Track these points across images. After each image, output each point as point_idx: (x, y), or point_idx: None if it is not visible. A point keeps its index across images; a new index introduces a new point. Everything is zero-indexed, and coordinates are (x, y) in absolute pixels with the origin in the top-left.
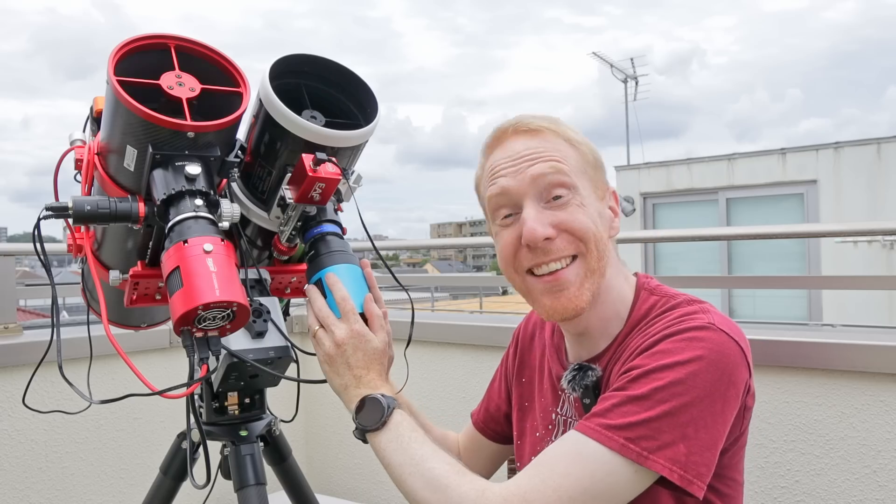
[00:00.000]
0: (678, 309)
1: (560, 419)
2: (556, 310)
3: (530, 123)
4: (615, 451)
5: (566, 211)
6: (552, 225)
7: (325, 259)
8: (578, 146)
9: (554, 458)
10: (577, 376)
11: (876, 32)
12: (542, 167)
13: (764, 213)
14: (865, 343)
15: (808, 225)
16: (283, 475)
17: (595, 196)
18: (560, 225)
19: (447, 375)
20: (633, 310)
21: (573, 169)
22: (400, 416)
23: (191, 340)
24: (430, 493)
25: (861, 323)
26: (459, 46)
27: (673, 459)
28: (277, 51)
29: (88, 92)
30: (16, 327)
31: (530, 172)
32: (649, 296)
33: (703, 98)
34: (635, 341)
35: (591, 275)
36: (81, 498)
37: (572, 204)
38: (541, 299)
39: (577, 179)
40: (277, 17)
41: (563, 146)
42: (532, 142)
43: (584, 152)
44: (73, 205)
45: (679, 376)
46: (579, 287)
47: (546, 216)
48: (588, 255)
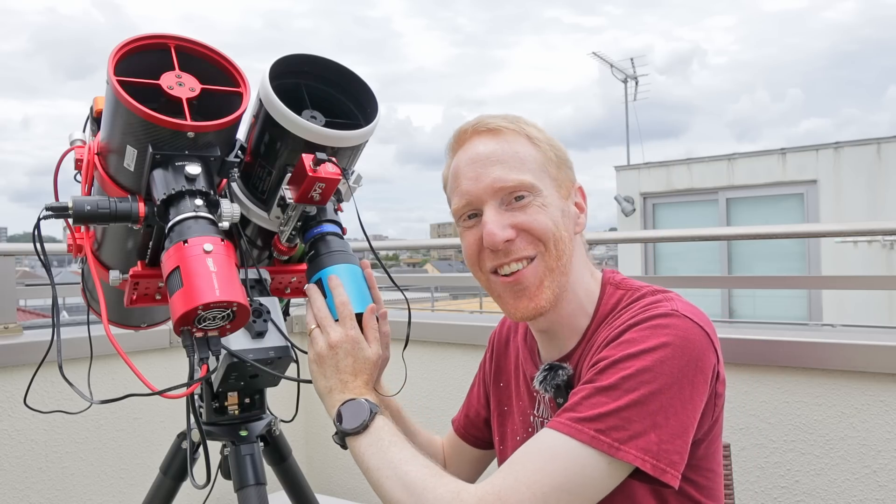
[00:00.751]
0: (643, 299)
1: (538, 421)
2: (518, 309)
3: (489, 123)
4: (586, 444)
5: (526, 212)
6: (512, 226)
7: (325, 259)
8: (539, 144)
9: (527, 456)
10: (547, 376)
11: (876, 32)
12: (501, 171)
13: (764, 213)
14: (865, 343)
15: (808, 225)
16: (283, 475)
17: (558, 194)
18: (519, 226)
19: (447, 375)
20: (600, 305)
21: (534, 169)
22: (381, 422)
23: (191, 340)
24: (406, 496)
25: (861, 323)
26: (459, 46)
27: (644, 449)
28: (277, 51)
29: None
30: (16, 327)
31: (490, 177)
32: (615, 290)
33: (703, 98)
34: (602, 335)
35: (550, 273)
36: (81, 498)
37: (533, 205)
38: (504, 298)
39: (537, 180)
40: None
41: (524, 146)
42: (492, 143)
43: (546, 150)
44: (73, 205)
45: (646, 364)
46: (538, 286)
47: (506, 218)
48: (547, 255)
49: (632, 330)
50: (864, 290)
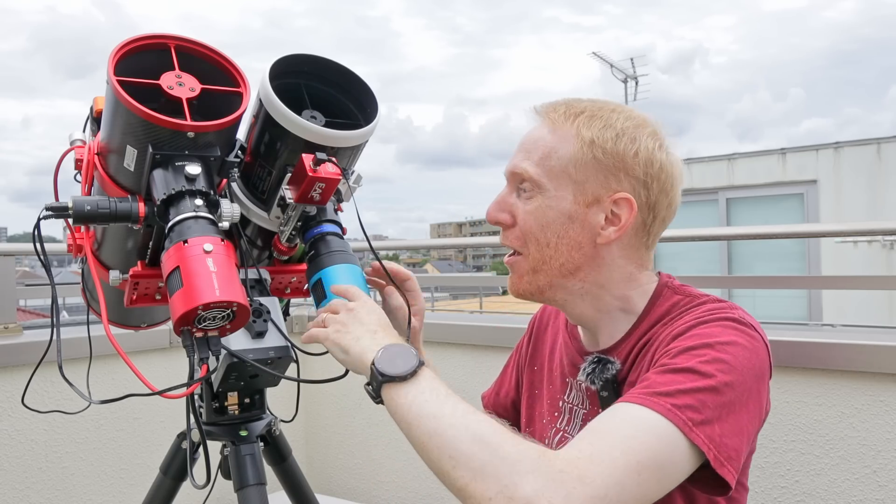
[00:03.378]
0: (707, 304)
1: (566, 406)
2: (510, 285)
3: (549, 112)
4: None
5: (524, 205)
6: (510, 212)
7: (325, 259)
8: (581, 143)
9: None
10: (596, 369)
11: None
12: (516, 163)
13: (764, 213)
14: (865, 343)
15: (808, 225)
16: (283, 475)
17: (573, 199)
18: (515, 214)
19: (447, 375)
20: (654, 306)
21: (553, 166)
22: (432, 373)
23: (191, 340)
24: (478, 447)
25: (861, 323)
26: (458, 46)
27: (710, 437)
28: (276, 50)
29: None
30: (16, 327)
31: (510, 165)
32: (672, 294)
33: (704, 97)
34: (664, 333)
35: (532, 273)
36: (81, 498)
37: (533, 199)
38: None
39: (547, 178)
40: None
41: (560, 140)
42: (537, 131)
43: (583, 152)
44: (73, 205)
45: (721, 355)
46: (520, 277)
47: (511, 200)
48: (527, 257)
49: (703, 326)
50: (865, 290)
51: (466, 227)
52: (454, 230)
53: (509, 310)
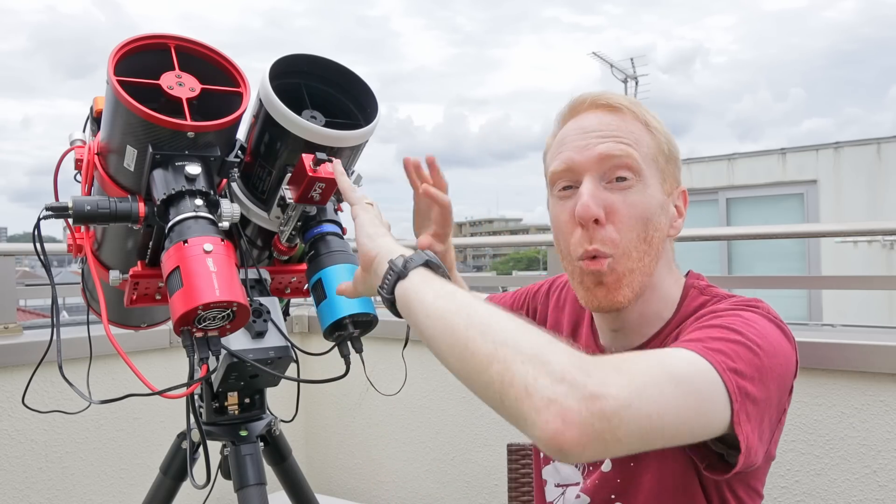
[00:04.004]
0: (732, 298)
1: None
2: (596, 297)
3: (610, 99)
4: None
5: (624, 195)
6: (606, 207)
7: (325, 259)
8: (656, 133)
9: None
10: None
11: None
12: (611, 146)
13: (764, 213)
14: (865, 343)
15: (808, 225)
16: (283, 475)
17: (661, 189)
18: (611, 210)
19: (447, 375)
20: (681, 308)
21: (644, 155)
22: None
23: (191, 340)
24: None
25: (861, 323)
26: (458, 46)
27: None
28: (276, 50)
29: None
30: (16, 327)
31: (598, 150)
32: (699, 294)
33: (705, 97)
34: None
35: (630, 274)
36: (81, 498)
37: (634, 189)
38: (585, 284)
39: (645, 165)
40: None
41: (640, 129)
42: (608, 118)
43: (661, 141)
44: (73, 205)
45: (753, 326)
46: (617, 282)
47: (603, 196)
48: (619, 258)
49: (731, 311)
50: (864, 290)
51: (466, 227)
52: (454, 230)
53: None
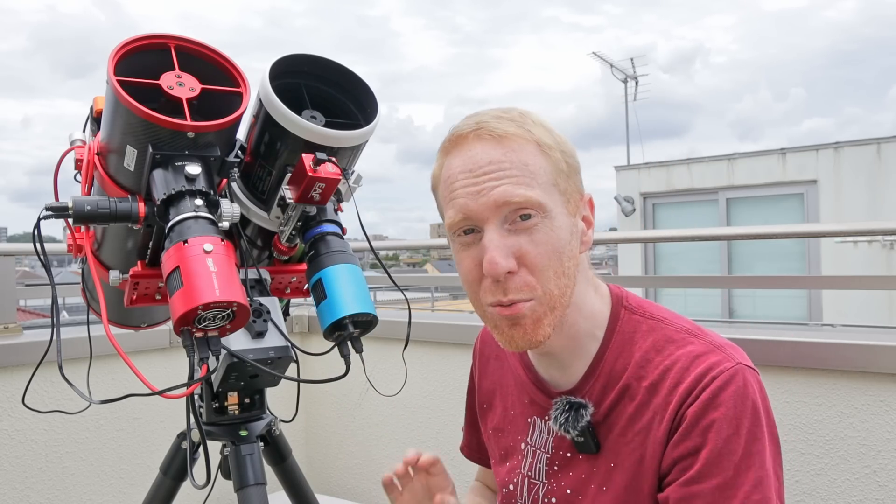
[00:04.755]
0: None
1: (529, 449)
2: (514, 339)
3: (494, 129)
4: None
5: (531, 235)
6: (515, 253)
7: (325, 259)
8: (550, 152)
9: None
10: (569, 417)
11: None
12: (507, 189)
13: (764, 213)
14: (865, 343)
15: (808, 225)
16: (283, 475)
17: (566, 211)
18: (522, 255)
19: (447, 375)
20: (614, 331)
21: (544, 183)
22: None
23: (191, 340)
24: None
25: (861, 323)
26: (458, 46)
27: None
28: (276, 50)
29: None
30: (16, 327)
31: (494, 196)
32: (630, 315)
33: (706, 97)
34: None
35: (551, 312)
36: (81, 498)
37: (540, 227)
38: (500, 328)
39: (547, 196)
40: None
41: (532, 155)
42: (496, 151)
43: (557, 159)
44: (73, 205)
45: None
46: (536, 323)
47: (509, 241)
48: (540, 298)
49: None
50: (865, 290)
51: None
52: None
53: None
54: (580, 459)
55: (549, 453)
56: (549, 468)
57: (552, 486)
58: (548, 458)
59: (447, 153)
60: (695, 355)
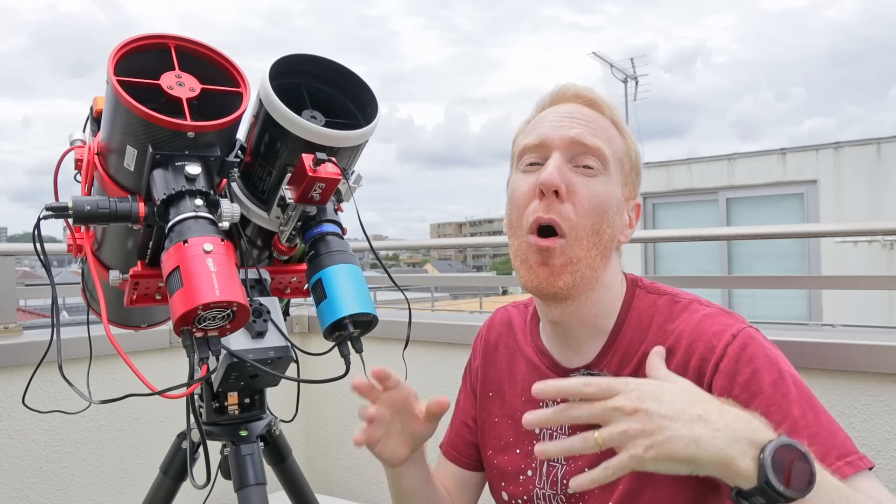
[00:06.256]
0: (693, 312)
1: (546, 433)
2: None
3: (592, 95)
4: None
5: (588, 181)
6: (568, 185)
7: (325, 259)
8: (627, 139)
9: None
10: None
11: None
12: (585, 132)
13: (764, 213)
14: (865, 343)
15: (808, 225)
16: (283, 475)
17: (622, 191)
18: (574, 191)
19: (447, 375)
20: (630, 307)
21: (614, 152)
22: None
23: (191, 340)
24: None
25: (861, 323)
26: (457, 45)
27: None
28: (275, 50)
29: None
30: (16, 327)
31: (572, 133)
32: (646, 293)
33: (707, 96)
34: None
35: (577, 262)
36: (81, 498)
37: (598, 179)
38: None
39: (612, 161)
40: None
41: (614, 130)
42: (587, 111)
43: (630, 147)
44: (73, 205)
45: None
46: (562, 266)
47: (568, 174)
48: (571, 242)
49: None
50: (864, 290)
51: (466, 227)
52: (454, 230)
53: None
54: None
55: (566, 434)
56: None
57: (570, 467)
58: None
59: (543, 108)
60: (708, 316)
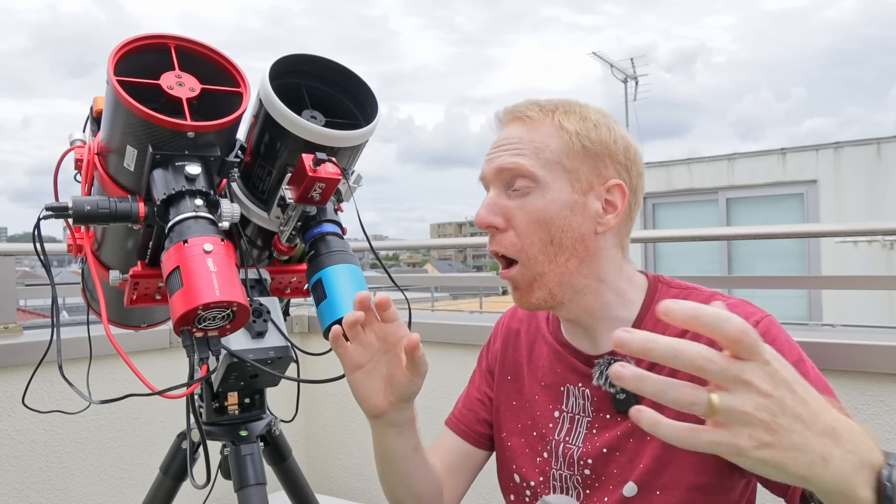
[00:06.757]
0: (717, 298)
1: (566, 416)
2: (516, 300)
3: (520, 111)
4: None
5: (522, 202)
6: (503, 214)
7: (325, 259)
8: (566, 135)
9: None
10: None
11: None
12: (504, 159)
13: (764, 213)
14: (865, 343)
15: (808, 225)
16: (283, 475)
17: (569, 188)
18: (510, 218)
19: (447, 375)
20: (654, 300)
21: (546, 161)
22: None
23: (191, 340)
24: None
25: (861, 323)
26: (457, 45)
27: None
28: (275, 50)
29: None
30: (16, 327)
31: (497, 162)
32: (668, 288)
33: (707, 96)
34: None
35: (541, 278)
36: (81, 498)
37: (532, 196)
38: (509, 288)
39: (543, 170)
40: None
41: (546, 135)
42: (516, 130)
43: (570, 142)
44: (73, 205)
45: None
46: (529, 286)
47: (503, 204)
48: (526, 263)
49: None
50: (864, 290)
51: (466, 227)
52: (454, 230)
53: None
54: (619, 420)
55: (590, 417)
56: (589, 431)
57: (587, 448)
58: (588, 422)
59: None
60: (732, 305)
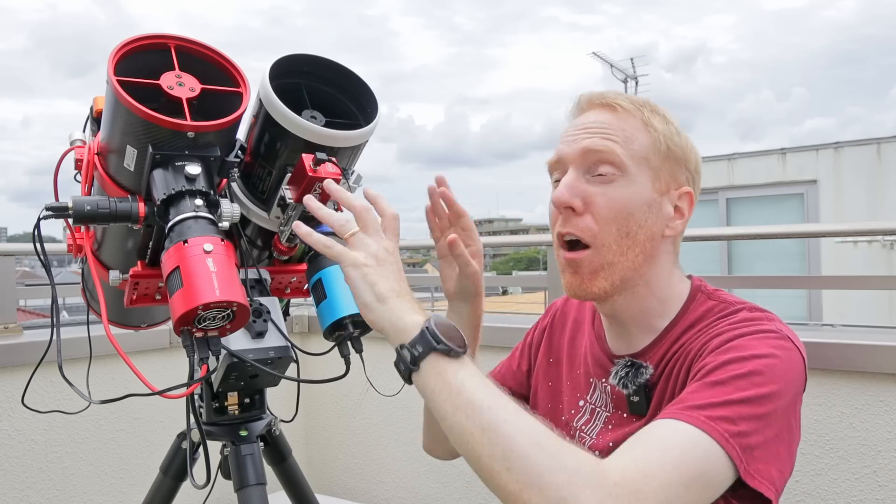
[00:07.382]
0: (741, 313)
1: (588, 406)
2: (572, 285)
3: (607, 98)
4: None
5: (605, 188)
6: (583, 198)
7: (325, 259)
8: (652, 132)
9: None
10: (629, 373)
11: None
12: (595, 142)
13: (764, 213)
14: (865, 343)
15: (808, 225)
16: (283, 475)
17: (651, 186)
18: (591, 202)
19: None
20: (688, 310)
21: (634, 153)
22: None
23: (191, 340)
24: (535, 450)
25: (861, 323)
26: (457, 45)
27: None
28: (275, 49)
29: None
30: (16, 327)
31: (582, 144)
32: (706, 299)
33: (707, 96)
34: (697, 342)
35: (608, 268)
36: (81, 498)
37: (616, 184)
38: (564, 273)
39: (631, 163)
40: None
41: (636, 128)
42: (604, 116)
43: (657, 139)
44: (73, 205)
45: (757, 367)
46: (592, 274)
47: (583, 187)
48: (599, 249)
49: (738, 339)
50: (864, 290)
51: None
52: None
53: (509, 310)
54: (633, 421)
55: (609, 412)
56: (605, 426)
57: (597, 441)
58: (607, 417)
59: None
60: (745, 318)
